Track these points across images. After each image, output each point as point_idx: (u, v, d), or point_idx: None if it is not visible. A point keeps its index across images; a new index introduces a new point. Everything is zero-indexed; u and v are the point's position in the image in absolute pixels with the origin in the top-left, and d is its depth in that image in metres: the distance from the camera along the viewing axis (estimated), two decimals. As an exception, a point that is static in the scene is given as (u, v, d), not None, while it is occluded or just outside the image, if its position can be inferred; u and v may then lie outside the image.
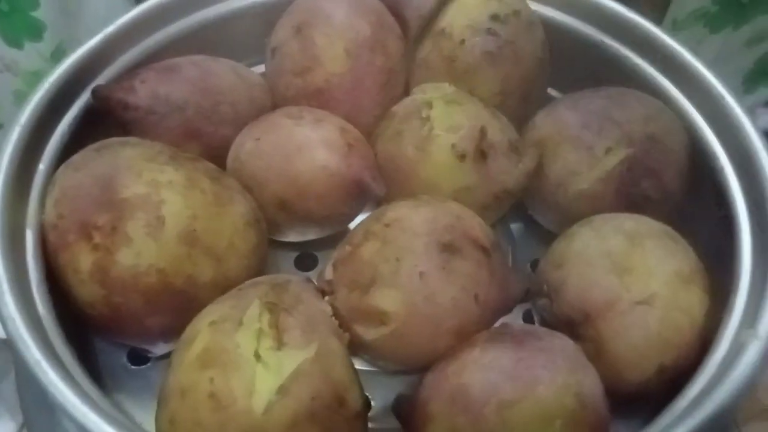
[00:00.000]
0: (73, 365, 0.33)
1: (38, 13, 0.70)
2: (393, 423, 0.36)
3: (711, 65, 0.44)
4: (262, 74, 0.51)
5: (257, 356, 0.31)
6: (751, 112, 1.01)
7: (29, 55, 0.73)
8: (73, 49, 0.44)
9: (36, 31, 0.71)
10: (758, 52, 0.91)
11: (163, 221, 0.35)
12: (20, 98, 0.74)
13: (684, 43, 0.46)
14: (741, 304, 0.35)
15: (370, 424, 0.35)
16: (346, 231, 0.42)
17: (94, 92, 0.43)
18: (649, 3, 0.83)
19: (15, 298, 0.33)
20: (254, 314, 0.32)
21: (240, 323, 0.32)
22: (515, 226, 0.49)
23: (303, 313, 0.33)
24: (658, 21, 0.84)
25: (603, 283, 0.37)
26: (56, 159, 0.40)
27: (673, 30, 0.85)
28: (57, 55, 0.73)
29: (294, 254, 0.47)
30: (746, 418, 0.67)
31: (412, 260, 0.36)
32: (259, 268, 0.40)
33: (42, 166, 0.39)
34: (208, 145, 0.44)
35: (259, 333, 0.31)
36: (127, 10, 0.47)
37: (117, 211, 0.35)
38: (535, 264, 0.43)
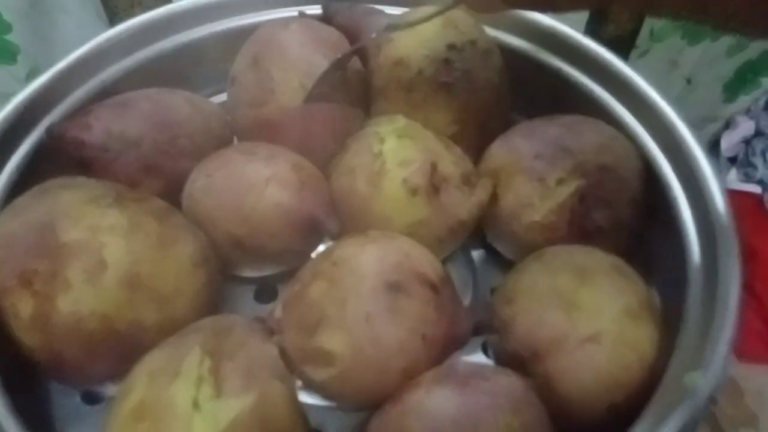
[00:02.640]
0: (5, 416, 0.33)
1: (11, 36, 0.70)
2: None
3: (673, 99, 0.44)
4: (224, 103, 0.50)
5: (196, 405, 0.31)
6: (732, 120, 1.01)
7: (3, 78, 0.73)
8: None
9: (9, 54, 0.72)
10: (738, 61, 0.91)
11: (105, 266, 0.35)
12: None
13: (644, 70, 0.45)
14: (689, 344, 0.35)
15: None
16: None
17: (48, 131, 0.43)
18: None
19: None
20: (194, 361, 0.32)
21: (176, 374, 0.32)
22: (476, 254, 0.49)
23: (244, 358, 0.33)
24: (635, 31, 0.84)
25: (551, 320, 0.36)
26: (4, 201, 0.40)
27: (651, 41, 0.84)
28: (32, 77, 0.73)
29: (253, 287, 0.47)
30: (734, 424, 0.66)
31: (358, 302, 0.35)
32: (210, 306, 0.40)
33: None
34: (168, 179, 0.44)
35: (199, 380, 0.31)
36: (101, 31, 0.47)
37: (56, 257, 0.34)
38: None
